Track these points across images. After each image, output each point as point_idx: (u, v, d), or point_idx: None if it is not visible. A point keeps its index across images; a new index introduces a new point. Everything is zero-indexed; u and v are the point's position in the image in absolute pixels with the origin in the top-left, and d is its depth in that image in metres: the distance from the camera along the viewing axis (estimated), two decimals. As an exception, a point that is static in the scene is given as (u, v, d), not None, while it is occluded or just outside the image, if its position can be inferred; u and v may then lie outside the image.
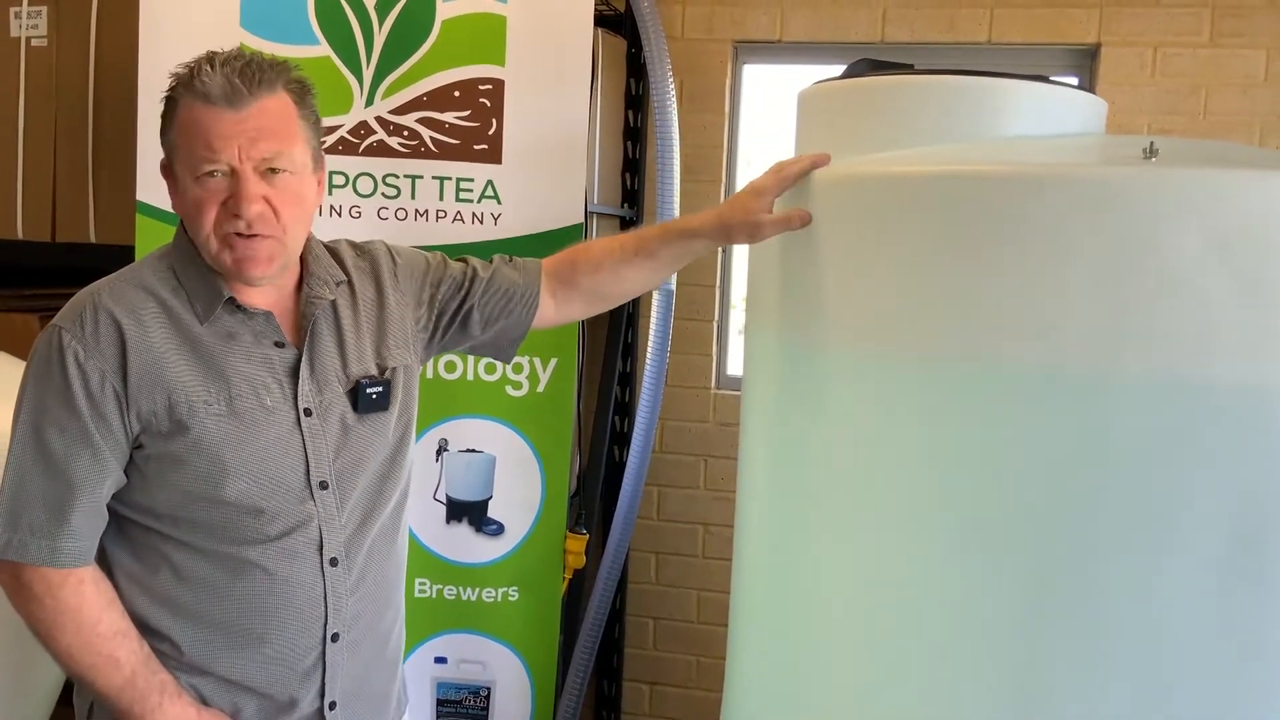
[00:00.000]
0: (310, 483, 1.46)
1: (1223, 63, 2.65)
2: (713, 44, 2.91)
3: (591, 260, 1.75)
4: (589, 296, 1.77)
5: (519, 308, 1.71)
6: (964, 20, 2.75)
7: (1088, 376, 1.39)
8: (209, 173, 1.38)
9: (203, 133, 1.37)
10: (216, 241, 1.40)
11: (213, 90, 1.36)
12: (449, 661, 2.47)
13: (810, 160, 1.63)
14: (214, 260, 1.42)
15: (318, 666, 1.50)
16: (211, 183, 1.39)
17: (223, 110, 1.37)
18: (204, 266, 1.44)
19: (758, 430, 1.81)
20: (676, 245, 1.72)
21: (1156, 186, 1.36)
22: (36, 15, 2.63)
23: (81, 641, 1.40)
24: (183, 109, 1.39)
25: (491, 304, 1.69)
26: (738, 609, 1.90)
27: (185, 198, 1.41)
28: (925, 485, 1.51)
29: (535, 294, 1.72)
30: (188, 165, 1.39)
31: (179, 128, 1.40)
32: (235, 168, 1.38)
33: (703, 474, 3.06)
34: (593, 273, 1.74)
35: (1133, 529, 1.40)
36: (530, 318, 1.72)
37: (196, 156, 1.38)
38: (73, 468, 1.38)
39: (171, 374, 1.40)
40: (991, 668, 1.48)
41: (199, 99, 1.37)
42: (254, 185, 1.38)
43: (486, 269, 1.71)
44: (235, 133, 1.37)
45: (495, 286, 1.70)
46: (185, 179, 1.40)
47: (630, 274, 1.74)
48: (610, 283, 1.76)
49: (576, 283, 1.74)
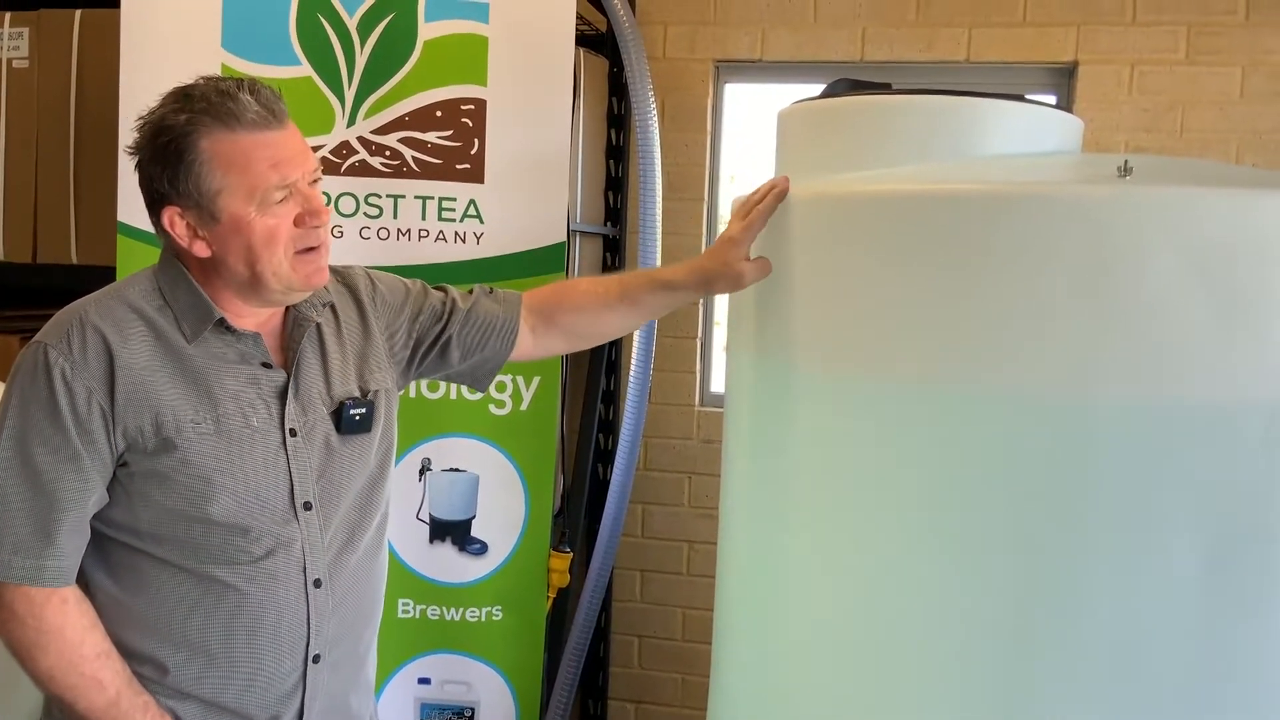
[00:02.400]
0: (294, 503, 1.46)
1: (1199, 80, 2.67)
2: (694, 63, 2.92)
3: (574, 301, 1.76)
4: (568, 335, 1.79)
5: (497, 340, 1.71)
6: (942, 39, 2.77)
7: (1064, 395, 1.40)
8: (281, 200, 1.38)
9: (267, 157, 1.36)
10: (289, 263, 1.40)
11: (253, 115, 1.36)
12: (433, 682, 2.46)
13: (772, 195, 1.65)
14: (284, 281, 1.41)
15: (298, 687, 1.49)
16: (281, 208, 1.38)
17: (275, 130, 1.38)
18: (193, 286, 1.43)
19: (739, 448, 1.82)
20: (660, 295, 1.75)
21: (1131, 205, 1.37)
22: (18, 37, 2.63)
23: (65, 663, 1.38)
24: (220, 143, 1.35)
25: (470, 335, 1.70)
26: (721, 626, 1.90)
27: (248, 234, 1.37)
28: (905, 504, 1.51)
29: (514, 327, 1.72)
30: (249, 196, 1.36)
31: (219, 163, 1.35)
32: (294, 184, 1.39)
33: (687, 491, 3.06)
34: (574, 313, 1.76)
35: (1111, 547, 1.40)
36: (508, 350, 1.73)
37: (266, 184, 1.36)
38: (58, 485, 1.37)
39: (158, 392, 1.39)
40: (975, 685, 1.48)
41: (244, 127, 1.35)
42: (319, 196, 1.41)
43: (466, 300, 1.72)
44: (294, 151, 1.39)
45: (474, 318, 1.70)
46: (246, 213, 1.37)
47: (611, 318, 1.77)
48: (590, 324, 1.78)
49: (557, 321, 1.76)
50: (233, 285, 1.43)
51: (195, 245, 1.40)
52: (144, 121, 1.41)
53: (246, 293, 1.44)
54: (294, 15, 2.28)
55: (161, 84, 1.42)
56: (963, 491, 1.46)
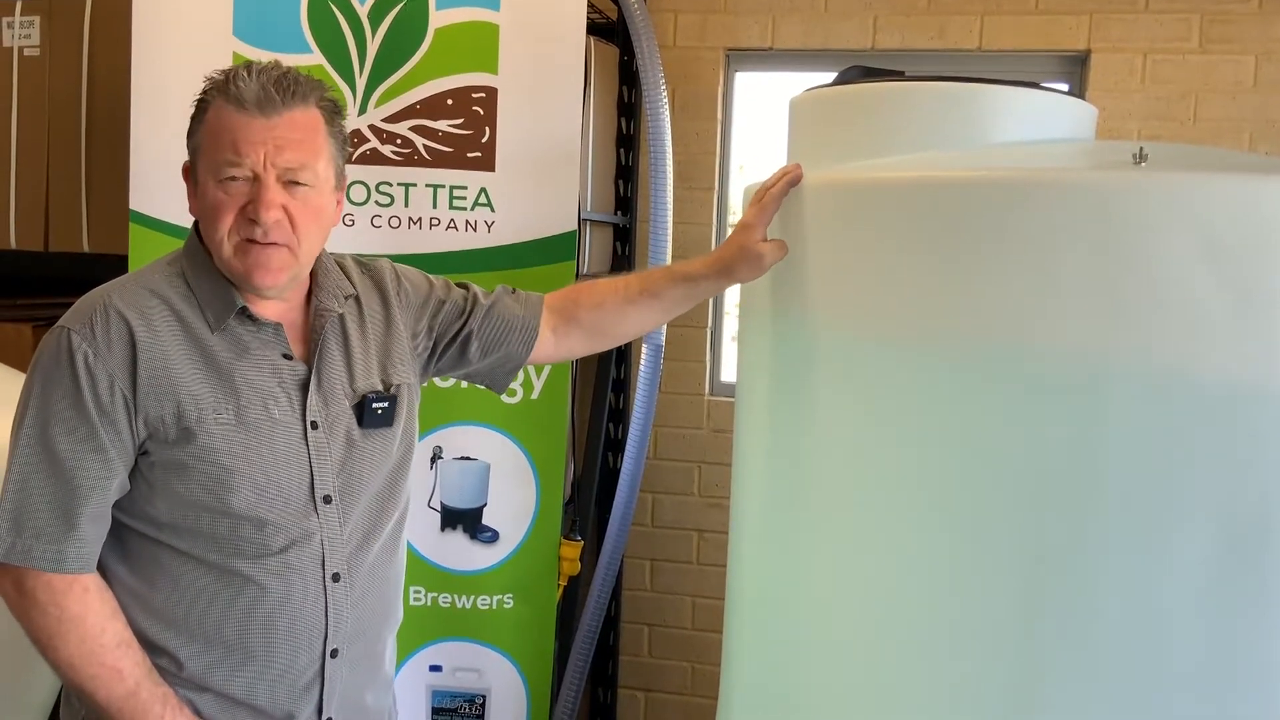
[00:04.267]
0: (314, 496, 1.45)
1: (1212, 69, 2.66)
2: (705, 51, 2.92)
3: (595, 298, 1.76)
4: (589, 334, 1.78)
5: (517, 340, 1.71)
6: (954, 27, 2.76)
7: (1078, 380, 1.39)
8: (231, 177, 1.39)
9: (230, 137, 1.38)
10: (230, 246, 1.41)
11: (246, 96, 1.38)
12: (444, 669, 2.46)
13: (785, 180, 1.65)
14: (225, 265, 1.42)
15: (316, 682, 1.49)
16: (233, 186, 1.39)
17: (254, 116, 1.38)
18: (217, 274, 1.44)
19: (751, 435, 1.82)
20: (681, 288, 1.74)
21: (1145, 192, 1.37)
22: (29, 25, 2.63)
23: (85, 651, 1.38)
24: (213, 112, 1.40)
25: (490, 332, 1.69)
26: (732, 615, 1.90)
27: (204, 200, 1.42)
28: (918, 490, 1.51)
29: (535, 327, 1.72)
30: (210, 168, 1.40)
31: (207, 130, 1.41)
32: (258, 174, 1.39)
33: (697, 480, 3.06)
34: (595, 310, 1.75)
35: (1125, 532, 1.40)
36: (527, 351, 1.72)
37: (221, 159, 1.39)
38: (80, 471, 1.37)
39: (181, 381, 1.39)
40: (988, 670, 1.48)
41: (232, 103, 1.38)
42: (275, 193, 1.39)
43: (488, 297, 1.72)
44: (263, 139, 1.38)
45: (496, 315, 1.70)
46: (207, 181, 1.41)
47: (634, 314, 1.76)
48: (612, 322, 1.77)
49: (578, 319, 1.75)
50: None
51: (190, 202, 1.45)
52: None
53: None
54: (305, 3, 2.28)
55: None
56: (980, 475, 1.46)
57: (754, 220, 1.66)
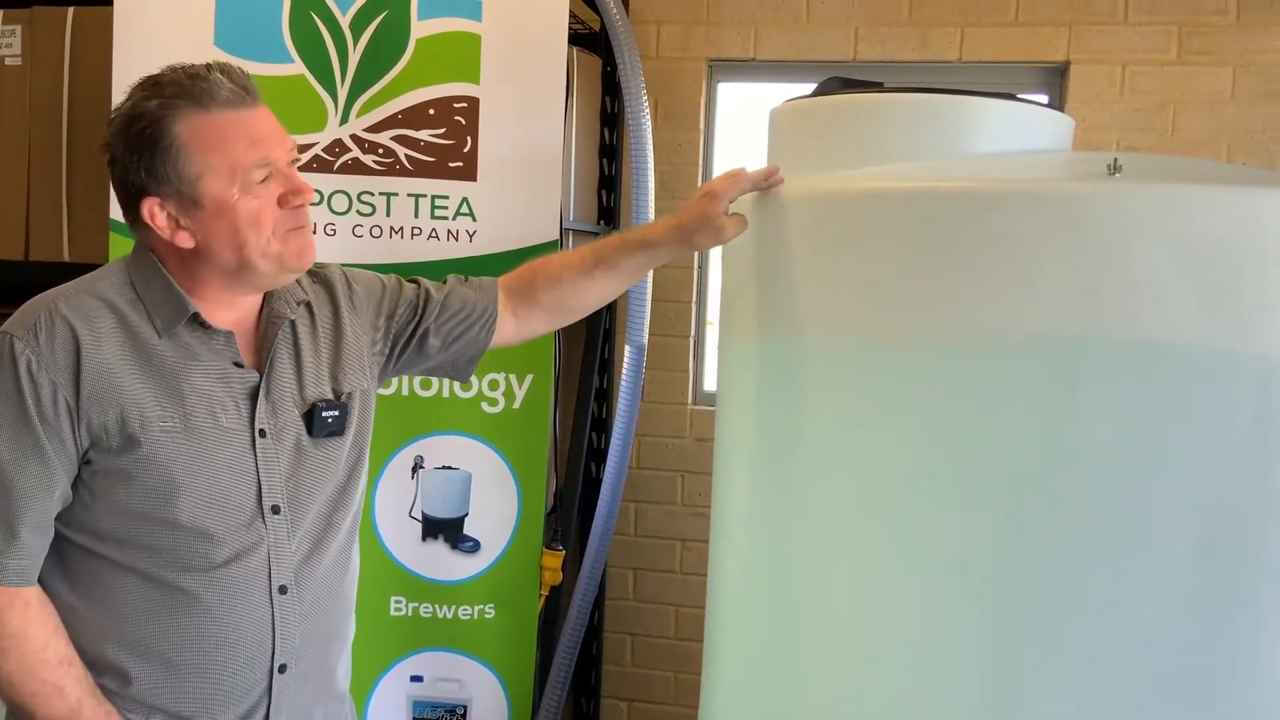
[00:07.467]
0: (261, 506, 1.42)
1: (1190, 80, 2.68)
2: (688, 62, 2.93)
3: (550, 275, 1.74)
4: (550, 311, 1.76)
5: (476, 327, 1.69)
6: (935, 39, 2.78)
7: (1056, 385, 1.41)
8: (264, 179, 1.35)
9: (245, 136, 1.34)
10: (276, 244, 1.38)
11: (227, 93, 1.33)
12: (425, 679, 2.46)
13: (764, 171, 1.67)
14: (275, 262, 1.39)
15: (264, 699, 1.45)
16: (263, 188, 1.36)
17: (249, 110, 1.35)
18: (167, 280, 1.40)
19: (731, 443, 1.82)
20: (639, 255, 1.73)
21: (1120, 202, 1.38)
22: (10, 34, 2.62)
23: (26, 668, 1.34)
24: (196, 124, 1.33)
25: (449, 325, 1.67)
26: (713, 624, 1.90)
27: (233, 216, 1.35)
28: (897, 495, 1.52)
29: (493, 313, 1.70)
30: (232, 177, 1.34)
31: (199, 144, 1.33)
32: (277, 165, 1.37)
33: (680, 489, 3.06)
34: (552, 287, 1.73)
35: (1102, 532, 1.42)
36: (488, 337, 1.70)
37: (246, 162, 1.34)
38: (22, 479, 1.33)
39: (125, 388, 1.35)
40: (967, 675, 1.49)
41: (221, 106, 1.33)
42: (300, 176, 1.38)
43: (440, 290, 1.69)
44: (270, 129, 1.37)
45: (450, 308, 1.67)
46: (225, 194, 1.34)
47: (591, 287, 1.74)
48: (571, 296, 1.75)
49: (537, 298, 1.73)
50: (219, 275, 1.40)
51: (178, 236, 1.37)
52: (115, 115, 1.37)
53: (233, 280, 1.41)
54: (287, 13, 2.28)
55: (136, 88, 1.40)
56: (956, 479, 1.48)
57: (722, 190, 1.65)
